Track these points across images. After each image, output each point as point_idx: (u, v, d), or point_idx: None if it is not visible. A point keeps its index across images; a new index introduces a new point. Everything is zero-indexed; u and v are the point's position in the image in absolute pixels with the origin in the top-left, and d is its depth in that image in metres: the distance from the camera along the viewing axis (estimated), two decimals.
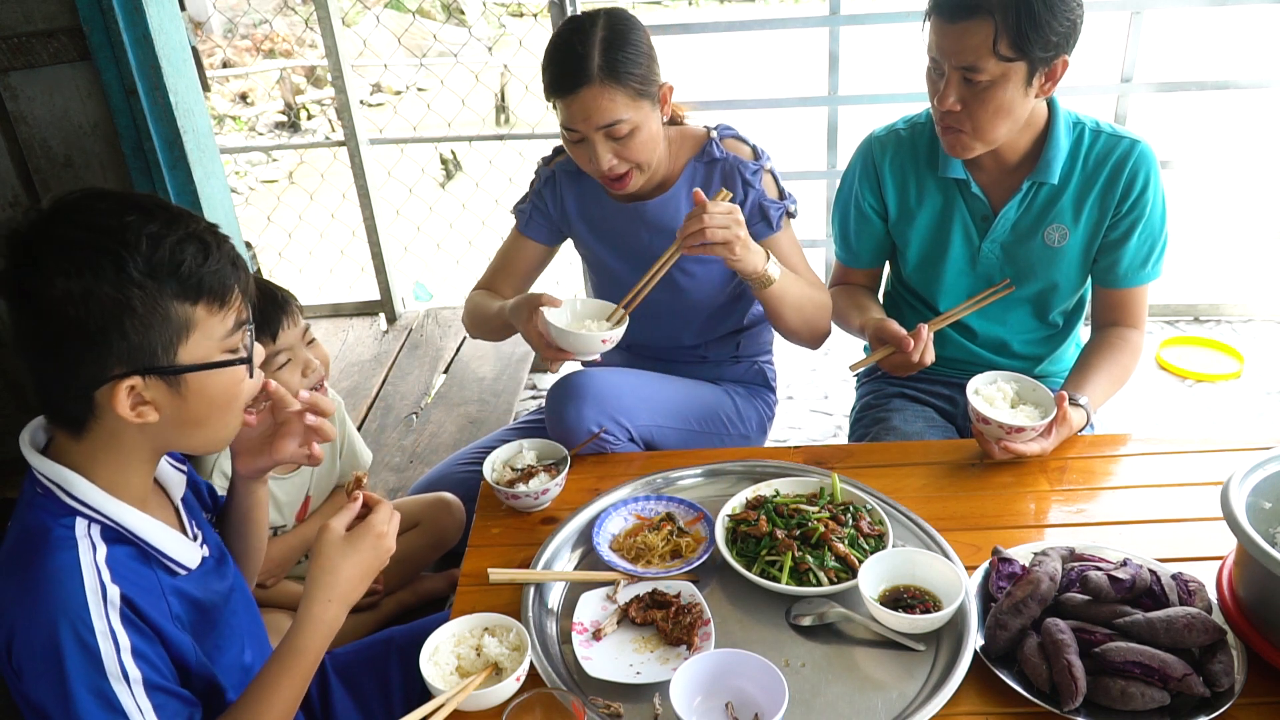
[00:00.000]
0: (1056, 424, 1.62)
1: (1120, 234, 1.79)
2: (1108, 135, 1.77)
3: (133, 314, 1.00)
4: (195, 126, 2.32)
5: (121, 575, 1.06)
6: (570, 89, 1.66)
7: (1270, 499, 1.29)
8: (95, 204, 1.02)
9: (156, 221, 1.02)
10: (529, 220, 1.98)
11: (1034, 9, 1.55)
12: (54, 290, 0.97)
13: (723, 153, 1.86)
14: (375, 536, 1.18)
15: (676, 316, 1.94)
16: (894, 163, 1.88)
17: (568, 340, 1.63)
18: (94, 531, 1.07)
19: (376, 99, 10.31)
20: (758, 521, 1.46)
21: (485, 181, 4.44)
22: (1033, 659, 1.19)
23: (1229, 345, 3.34)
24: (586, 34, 1.66)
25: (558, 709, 1.12)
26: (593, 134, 1.68)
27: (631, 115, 1.68)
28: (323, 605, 1.14)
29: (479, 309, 1.97)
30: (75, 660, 1.00)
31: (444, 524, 2.10)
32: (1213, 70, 8.89)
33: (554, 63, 1.69)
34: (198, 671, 1.13)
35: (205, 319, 1.05)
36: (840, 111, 3.42)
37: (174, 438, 1.11)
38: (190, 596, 1.15)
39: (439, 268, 4.77)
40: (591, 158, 1.72)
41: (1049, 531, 1.50)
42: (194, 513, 1.26)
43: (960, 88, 1.64)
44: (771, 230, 1.87)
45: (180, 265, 1.02)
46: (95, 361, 1.01)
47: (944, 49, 1.63)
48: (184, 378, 1.05)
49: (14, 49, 2.18)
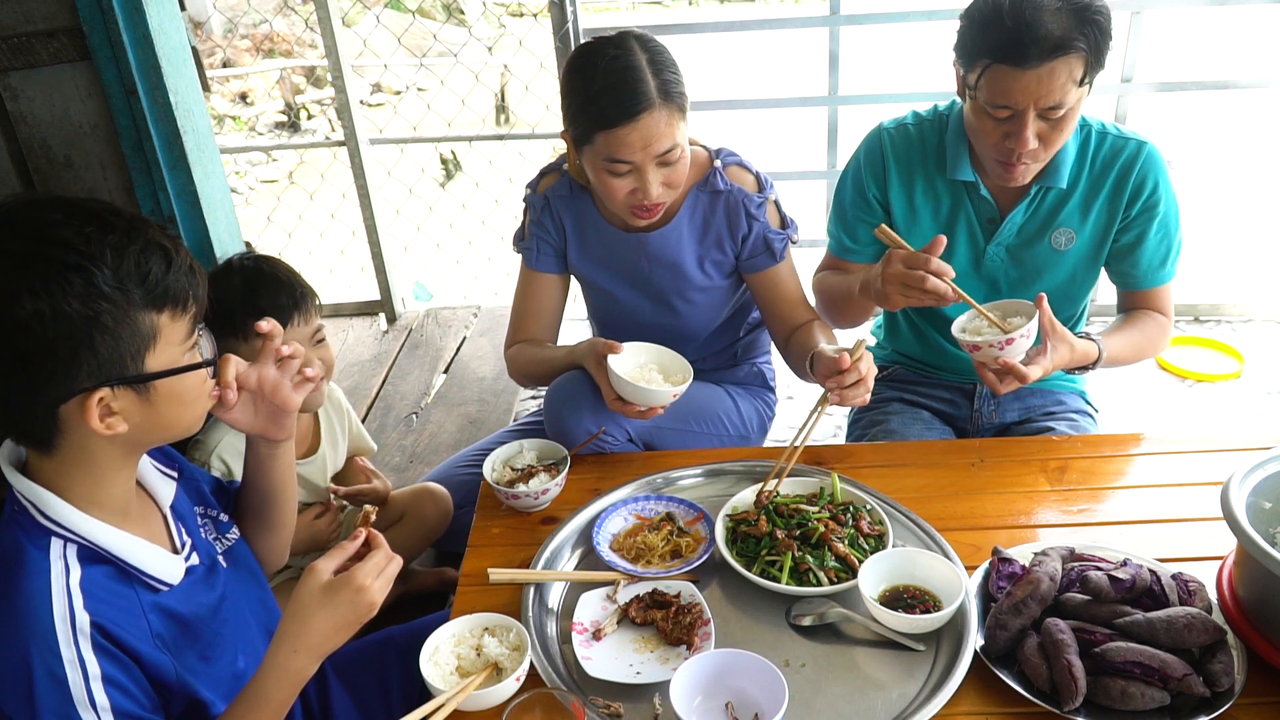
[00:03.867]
0: (1049, 336, 1.59)
1: (1134, 236, 1.78)
2: (1114, 137, 1.75)
3: (102, 328, 0.99)
4: (195, 126, 2.32)
5: (97, 598, 1.05)
6: (630, 116, 1.56)
7: (1270, 499, 1.28)
8: (45, 214, 0.99)
9: (117, 232, 1.00)
10: (537, 255, 1.92)
11: (1104, 27, 1.53)
12: (21, 310, 0.95)
13: (726, 184, 1.82)
14: (354, 590, 1.08)
15: (677, 337, 1.92)
16: (902, 157, 1.85)
17: (638, 394, 1.60)
18: (70, 553, 1.05)
19: (376, 99, 10.32)
20: (758, 521, 1.46)
21: (485, 181, 4.44)
22: (1033, 659, 1.19)
23: (1229, 345, 3.34)
24: (632, 56, 1.58)
25: (558, 709, 1.12)
26: (648, 163, 1.61)
27: (682, 140, 1.64)
28: (288, 654, 1.08)
29: (531, 365, 1.90)
30: (44, 687, 1.00)
31: (428, 513, 2.09)
32: (1213, 70, 8.89)
33: (606, 90, 1.57)
34: (178, 690, 1.11)
35: (168, 325, 1.05)
36: (840, 111, 3.42)
37: (144, 440, 1.11)
38: (172, 612, 1.14)
39: (439, 268, 4.78)
40: (639, 188, 1.64)
41: (1049, 531, 1.50)
42: (186, 520, 1.25)
43: (1038, 125, 1.59)
44: (774, 261, 1.85)
45: (147, 275, 1.01)
46: (62, 379, 0.99)
47: (1024, 94, 1.54)
48: (153, 385, 1.05)
49: (14, 49, 2.18)
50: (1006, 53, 1.53)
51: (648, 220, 1.73)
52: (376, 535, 1.15)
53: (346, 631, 1.10)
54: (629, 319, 1.96)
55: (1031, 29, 1.50)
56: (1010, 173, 1.68)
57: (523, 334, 1.96)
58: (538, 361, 1.89)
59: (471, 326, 3.70)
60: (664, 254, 1.85)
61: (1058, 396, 2.00)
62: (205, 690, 1.15)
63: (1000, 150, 1.65)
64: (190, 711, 1.14)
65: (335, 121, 8.51)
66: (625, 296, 1.93)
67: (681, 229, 1.84)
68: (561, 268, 1.95)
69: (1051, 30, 1.50)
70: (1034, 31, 1.50)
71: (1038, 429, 1.93)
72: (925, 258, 1.51)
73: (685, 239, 1.84)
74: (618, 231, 1.86)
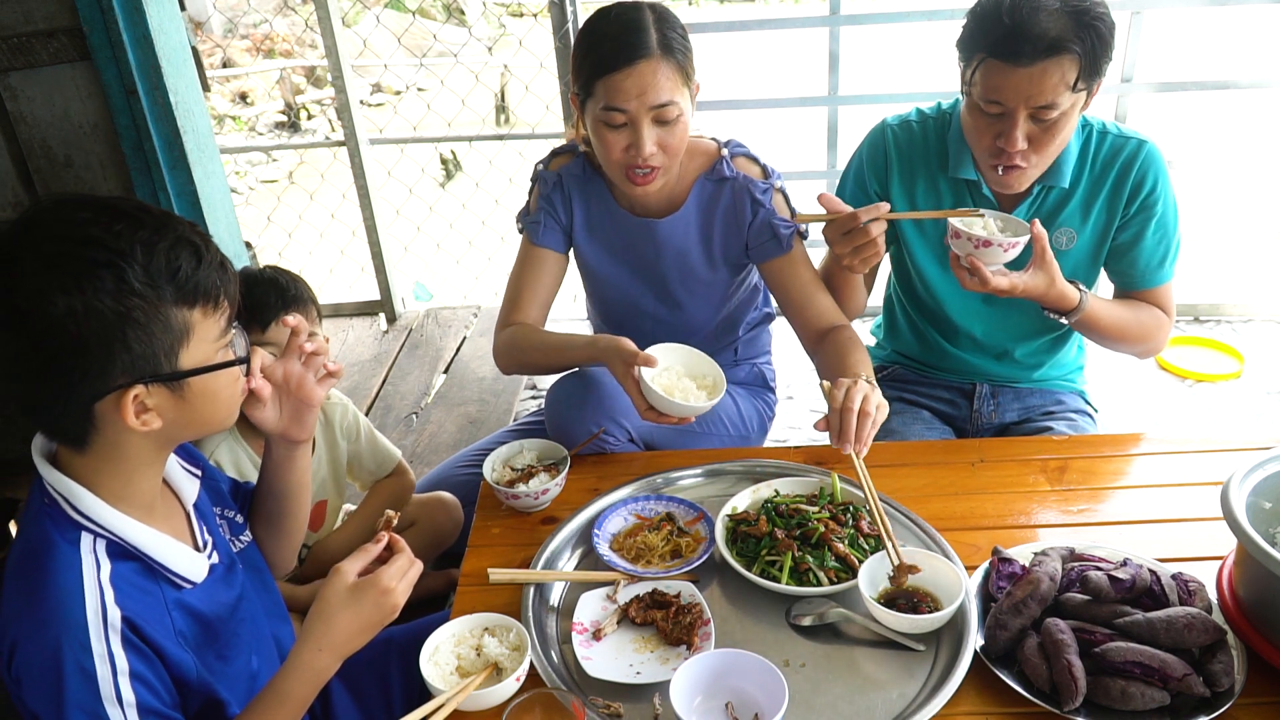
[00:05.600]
0: (1033, 262, 1.58)
1: (1132, 235, 1.78)
2: (1115, 136, 1.76)
3: (135, 325, 0.99)
4: (195, 126, 2.32)
5: (125, 593, 1.05)
6: (628, 60, 1.58)
7: (1270, 499, 1.28)
8: (75, 214, 0.99)
9: (146, 228, 1.00)
10: (543, 230, 1.88)
11: (1103, 34, 1.53)
12: (54, 309, 0.95)
13: (733, 171, 1.82)
14: (380, 592, 1.12)
15: (677, 330, 1.91)
16: (904, 155, 1.85)
17: (673, 408, 1.57)
18: (99, 547, 1.06)
19: (376, 99, 10.32)
20: (758, 521, 1.46)
21: (485, 181, 4.44)
22: (1033, 659, 1.19)
23: (1229, 345, 3.34)
24: (639, 11, 1.62)
25: (558, 709, 1.12)
26: (643, 114, 1.61)
27: (680, 100, 1.64)
28: (313, 653, 1.11)
29: (534, 352, 1.82)
30: (73, 682, 1.00)
31: (440, 522, 2.11)
32: (1213, 70, 8.89)
33: (608, 37, 1.61)
34: (198, 689, 1.12)
35: (201, 322, 1.05)
36: (840, 111, 3.42)
37: (177, 436, 1.12)
38: (194, 610, 1.15)
39: (439, 268, 4.78)
40: (634, 142, 1.64)
41: (1049, 531, 1.50)
42: (207, 519, 1.25)
43: (1028, 126, 1.59)
44: (781, 250, 1.84)
45: (177, 271, 1.01)
46: (98, 376, 1.00)
47: (1015, 92, 1.55)
48: (187, 382, 1.05)
49: (14, 49, 2.18)
50: (1000, 48, 1.54)
51: (641, 186, 1.71)
52: (398, 539, 1.18)
53: (370, 632, 1.13)
54: (631, 308, 1.96)
55: (1027, 27, 1.51)
56: (1001, 177, 1.68)
57: (518, 314, 1.88)
58: (545, 349, 1.80)
59: (471, 326, 3.71)
60: (672, 240, 1.85)
61: (1057, 396, 2.00)
62: (223, 690, 1.15)
63: (991, 150, 1.65)
64: (207, 710, 1.14)
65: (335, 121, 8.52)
66: (628, 284, 1.92)
67: (690, 217, 1.85)
68: (564, 247, 1.92)
69: (1047, 30, 1.50)
70: (1029, 29, 1.51)
71: (1037, 429, 1.93)
72: (853, 214, 1.60)
73: (693, 227, 1.85)
74: (628, 215, 1.86)
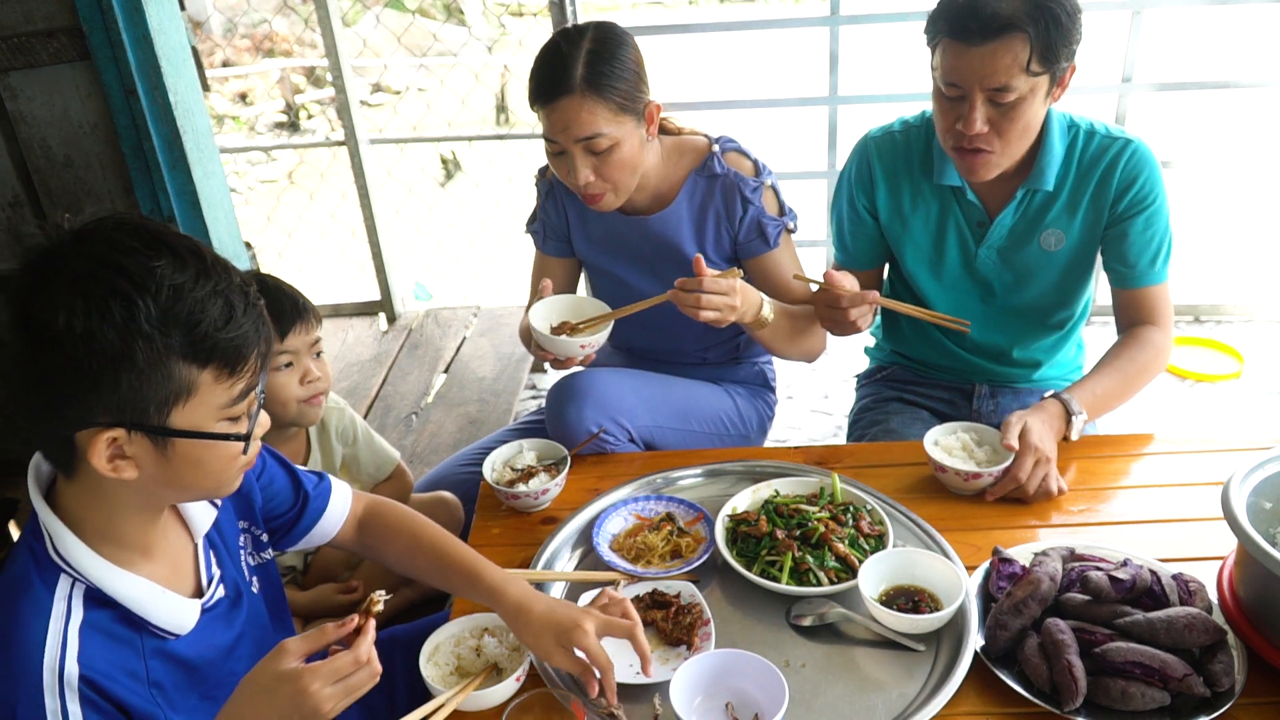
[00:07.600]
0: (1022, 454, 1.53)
1: (1121, 232, 1.77)
2: (1102, 136, 1.75)
3: (131, 366, 0.93)
4: (195, 126, 2.32)
5: (95, 645, 1.01)
6: (550, 98, 1.64)
7: (1270, 499, 1.29)
8: (124, 238, 0.94)
9: (188, 271, 0.94)
10: (545, 239, 1.99)
11: (1060, 20, 1.53)
12: (57, 324, 0.91)
13: (724, 168, 1.84)
14: (297, 690, 0.97)
15: (679, 323, 1.92)
16: (888, 166, 1.86)
17: (552, 346, 1.66)
18: (76, 593, 1.01)
19: (376, 99, 10.31)
20: (758, 521, 1.46)
21: (485, 181, 4.45)
22: (1033, 659, 1.19)
23: (1229, 345, 3.34)
24: (573, 45, 1.65)
25: (557, 709, 1.12)
26: (572, 146, 1.67)
27: (612, 130, 1.66)
28: None
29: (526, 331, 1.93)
30: None
31: (442, 521, 2.08)
32: (1213, 70, 8.89)
33: (537, 70, 1.68)
34: None
35: (210, 384, 0.98)
36: (840, 111, 3.42)
37: (161, 495, 1.05)
38: (179, 658, 1.09)
39: (439, 268, 4.78)
40: (570, 171, 1.71)
41: (1049, 531, 1.50)
42: (222, 547, 1.20)
43: (986, 109, 1.60)
44: (768, 247, 1.86)
45: (197, 325, 0.94)
46: (81, 405, 0.94)
47: (970, 72, 1.57)
48: (173, 442, 0.98)
49: (14, 49, 2.18)
50: (955, 28, 1.57)
51: (594, 206, 1.77)
52: (365, 632, 1.02)
53: None
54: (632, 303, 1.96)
55: (980, 6, 1.53)
56: (965, 162, 1.69)
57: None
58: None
59: (471, 326, 3.70)
60: (664, 236, 1.87)
61: None
62: None
63: (953, 134, 1.66)
64: None
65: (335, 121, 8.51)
66: (630, 280, 1.94)
67: (681, 212, 1.86)
68: (567, 252, 2.00)
69: (999, 10, 1.52)
70: (981, 9, 1.53)
71: None
72: (835, 296, 1.66)
73: (684, 222, 1.86)
74: (619, 214, 1.88)
